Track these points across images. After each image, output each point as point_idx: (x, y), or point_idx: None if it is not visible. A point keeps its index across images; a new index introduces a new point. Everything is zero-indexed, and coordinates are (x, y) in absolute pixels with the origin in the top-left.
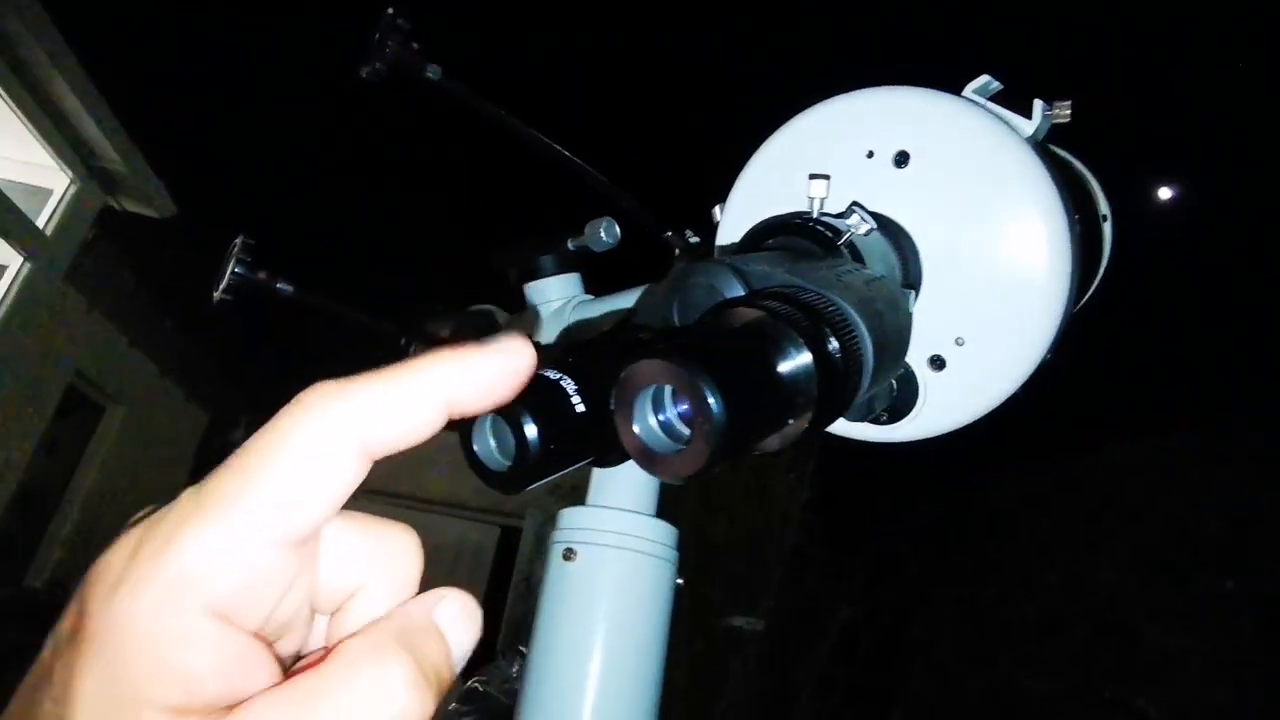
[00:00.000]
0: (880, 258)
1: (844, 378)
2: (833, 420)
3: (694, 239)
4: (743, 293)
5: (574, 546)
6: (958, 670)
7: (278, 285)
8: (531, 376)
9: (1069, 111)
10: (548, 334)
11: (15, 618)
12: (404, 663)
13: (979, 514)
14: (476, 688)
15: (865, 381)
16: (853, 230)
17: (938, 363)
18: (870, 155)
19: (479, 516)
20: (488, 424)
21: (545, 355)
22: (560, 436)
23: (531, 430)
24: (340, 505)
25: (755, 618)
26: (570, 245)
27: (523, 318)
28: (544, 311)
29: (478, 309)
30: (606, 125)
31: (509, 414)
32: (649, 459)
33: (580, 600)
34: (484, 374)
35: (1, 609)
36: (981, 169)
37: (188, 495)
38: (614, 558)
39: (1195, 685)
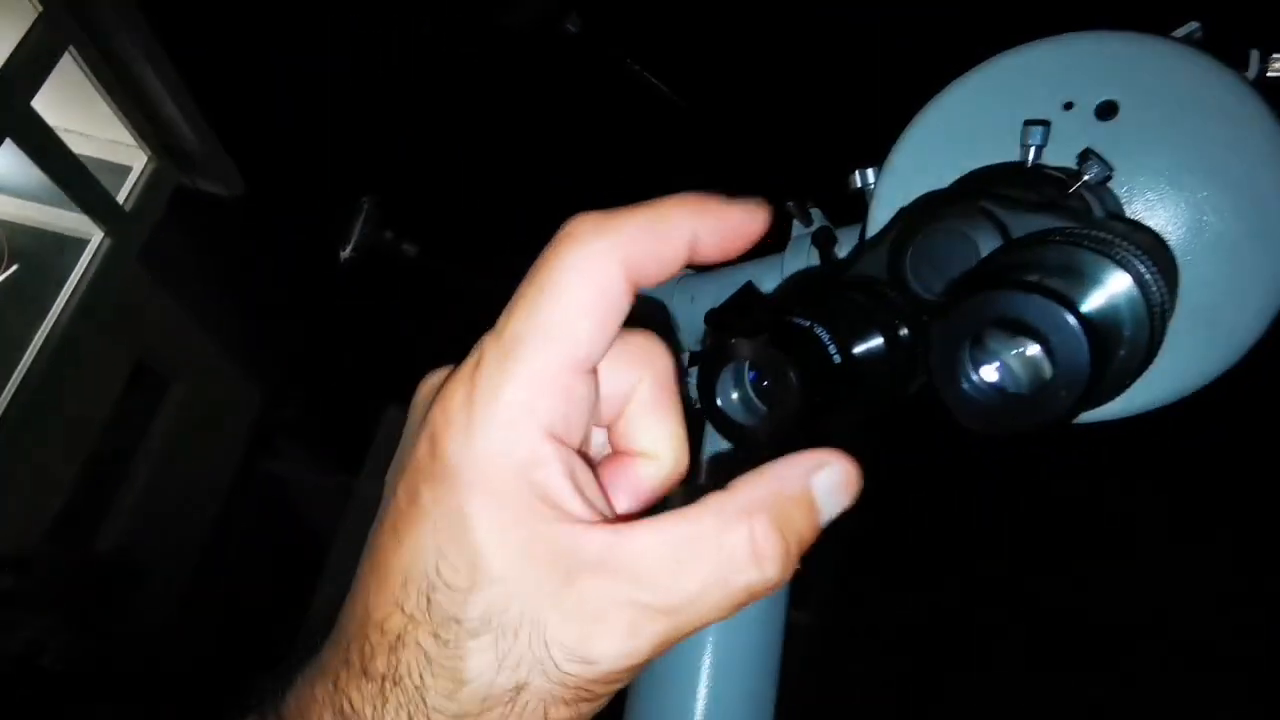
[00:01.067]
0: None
1: (1162, 324)
2: (1146, 367)
3: (814, 209)
4: (1000, 240)
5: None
6: (1027, 682)
7: (403, 246)
8: (782, 321)
9: None
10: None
11: (83, 578)
12: (773, 539)
13: (1064, 508)
14: None
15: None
16: (1086, 177)
17: None
18: (1068, 107)
19: None
20: (729, 376)
21: (781, 298)
22: (820, 388)
23: (792, 376)
24: (614, 333)
25: (804, 611)
26: None
27: None
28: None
29: None
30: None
31: (764, 359)
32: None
33: None
34: (724, 221)
35: (72, 571)
36: (1210, 125)
37: (489, 342)
38: None
39: (1193, 682)
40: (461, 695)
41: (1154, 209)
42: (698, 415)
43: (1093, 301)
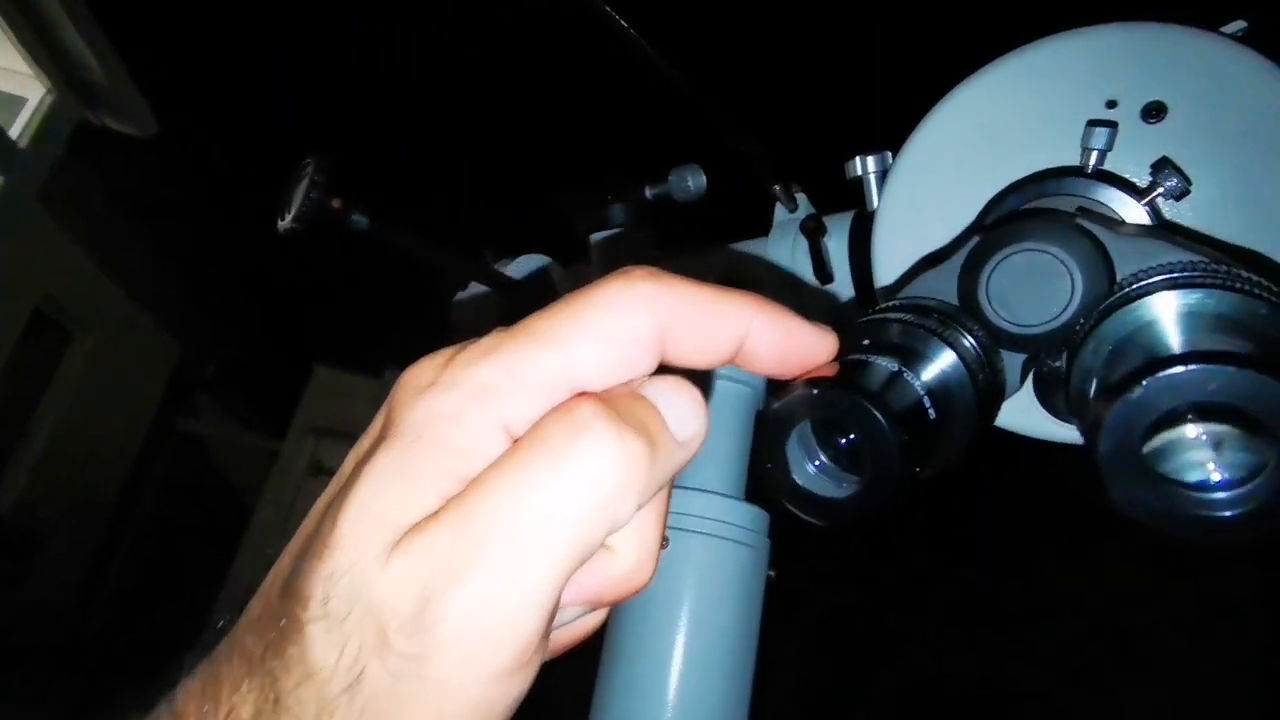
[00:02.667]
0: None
1: None
2: None
3: (799, 193)
4: (1101, 268)
5: (666, 533)
6: (945, 655)
7: (353, 217)
8: (859, 364)
9: None
10: None
11: None
12: (593, 403)
13: (981, 502)
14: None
15: None
16: (1162, 190)
17: None
18: (1112, 105)
19: None
20: (795, 444)
21: (863, 333)
22: (921, 452)
23: (897, 435)
24: (620, 384)
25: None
26: (648, 193)
27: (585, 272)
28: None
29: (529, 258)
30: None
31: (861, 416)
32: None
33: (667, 592)
34: (787, 334)
35: None
36: (1265, 133)
37: (494, 333)
38: (703, 545)
39: (1192, 683)
40: (309, 691)
41: (1199, 218)
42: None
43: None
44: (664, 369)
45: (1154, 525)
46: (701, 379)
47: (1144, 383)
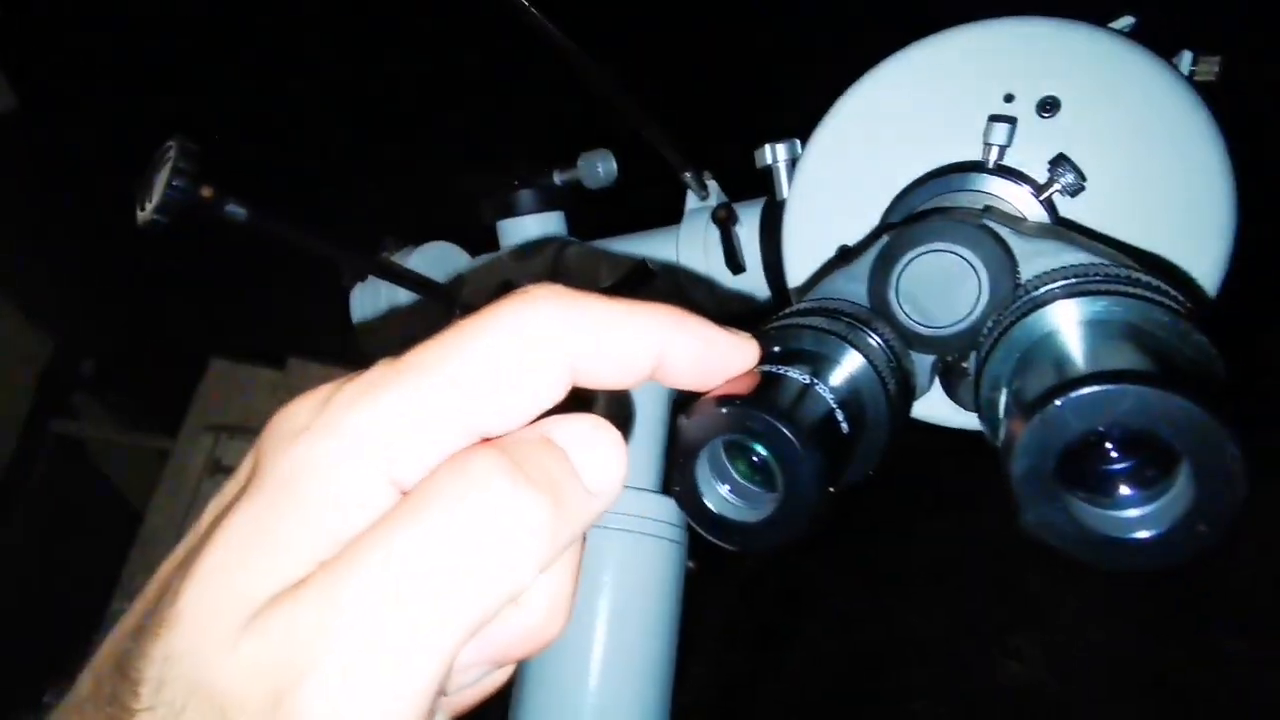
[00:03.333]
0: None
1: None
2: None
3: (710, 181)
4: (1007, 269)
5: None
6: (854, 614)
7: (228, 208)
8: (770, 377)
9: (1217, 69)
10: (532, 282)
11: None
12: (489, 455)
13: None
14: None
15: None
16: (1059, 187)
17: None
18: (1009, 99)
19: None
20: (705, 465)
21: (767, 344)
22: (834, 469)
23: (812, 458)
24: (532, 419)
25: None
26: (557, 179)
27: (496, 260)
28: (522, 255)
29: (434, 246)
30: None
31: (773, 437)
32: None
33: (588, 590)
34: (705, 347)
35: None
36: (1154, 130)
37: (384, 362)
38: (620, 541)
39: (1070, 626)
40: None
41: (1090, 214)
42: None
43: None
44: (578, 393)
45: (1066, 549)
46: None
47: (1057, 403)
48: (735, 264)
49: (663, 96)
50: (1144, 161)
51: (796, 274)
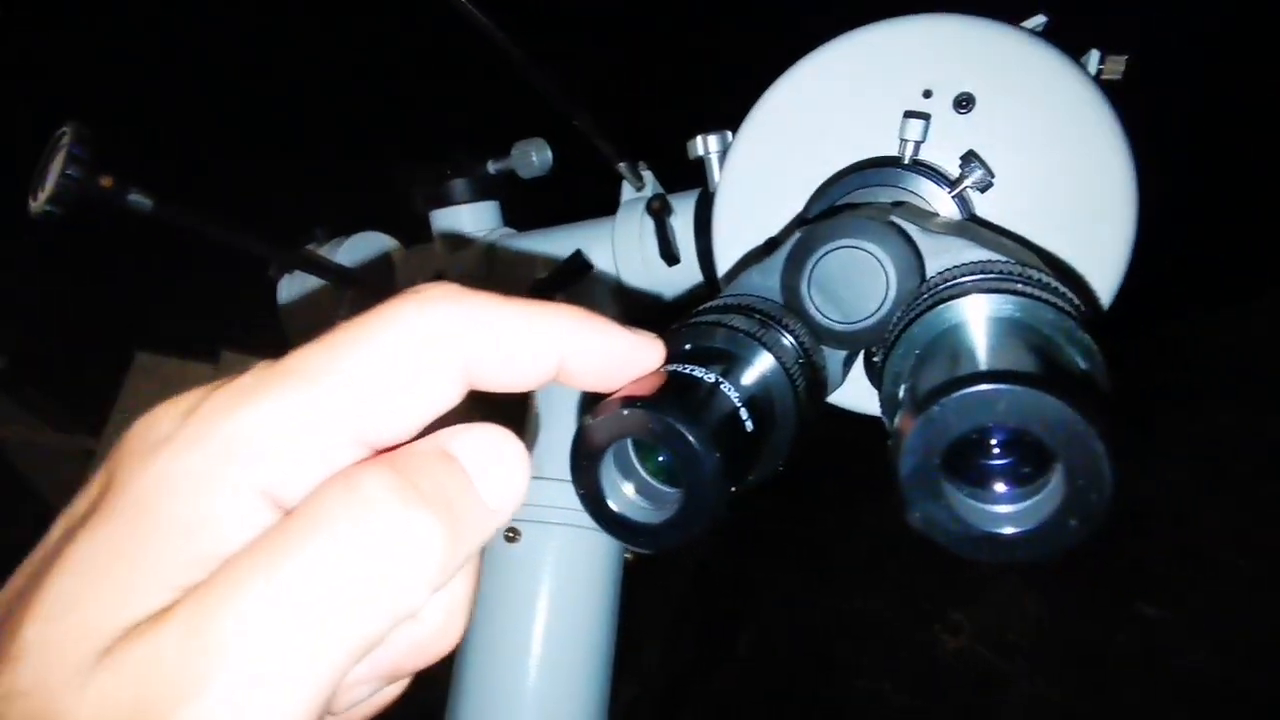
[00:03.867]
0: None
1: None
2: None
3: (645, 171)
4: (911, 264)
5: (517, 525)
6: (801, 596)
7: (129, 198)
8: (676, 377)
9: (1123, 68)
10: (464, 272)
11: None
12: (380, 473)
13: (812, 457)
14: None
15: None
16: (969, 184)
17: None
18: (928, 95)
19: None
20: (611, 465)
21: (672, 341)
22: (738, 468)
23: (709, 458)
24: (426, 425)
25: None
26: (491, 168)
27: (429, 251)
28: (455, 246)
29: (365, 236)
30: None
31: (673, 438)
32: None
33: (525, 586)
34: (607, 347)
35: None
36: (1062, 127)
37: (262, 365)
38: (562, 536)
39: (1006, 602)
40: None
41: (1002, 207)
42: None
43: (1075, 375)
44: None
45: (949, 545)
46: None
47: (938, 405)
48: (670, 255)
49: (602, 87)
50: (1051, 158)
51: (726, 265)
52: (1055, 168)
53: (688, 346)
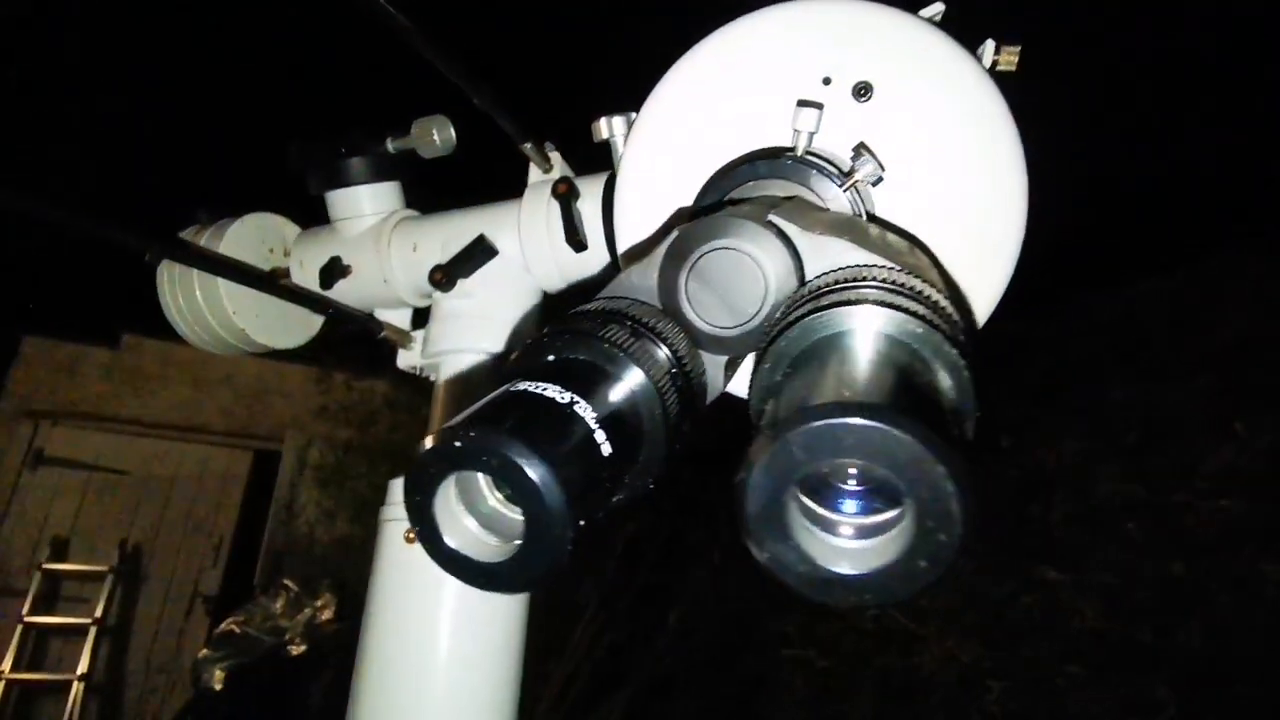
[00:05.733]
0: (839, 201)
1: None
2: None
3: (553, 153)
4: (789, 265)
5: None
6: (729, 569)
7: None
8: (528, 398)
9: (1016, 58)
10: (362, 258)
11: None
12: None
13: (741, 431)
14: (233, 629)
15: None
16: (859, 177)
17: None
18: (827, 82)
19: (224, 440)
20: (451, 492)
21: (525, 353)
22: (590, 497)
23: (553, 498)
24: None
25: None
26: (390, 147)
27: (325, 233)
28: (354, 228)
29: (256, 218)
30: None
31: (500, 464)
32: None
33: (428, 588)
34: None
35: None
36: (956, 116)
37: None
38: None
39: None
40: None
41: (900, 194)
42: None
43: (925, 396)
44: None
45: (797, 588)
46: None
47: (786, 438)
48: (576, 240)
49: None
50: (946, 151)
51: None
52: (950, 161)
53: (550, 358)
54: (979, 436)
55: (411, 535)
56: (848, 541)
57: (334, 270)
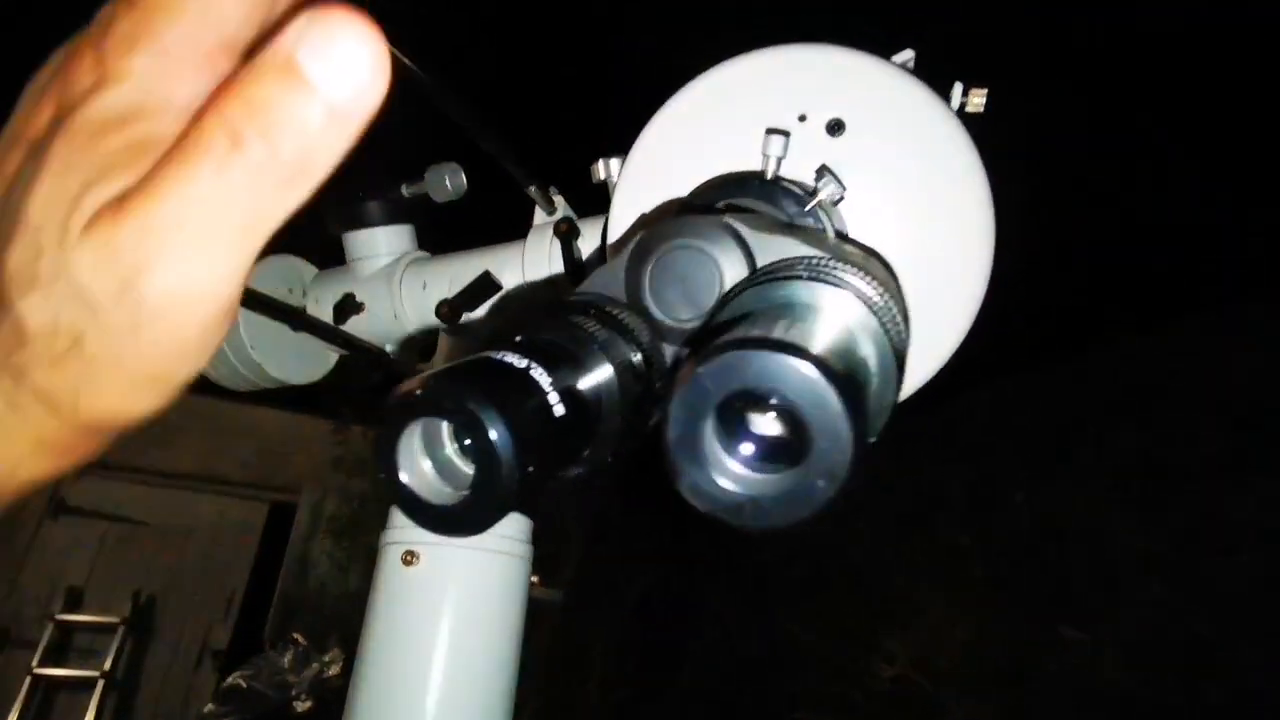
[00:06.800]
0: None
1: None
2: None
3: (557, 196)
4: (742, 262)
5: (415, 549)
6: (740, 626)
7: None
8: (487, 361)
9: (983, 100)
10: (374, 294)
11: None
12: (216, 120)
13: None
14: (240, 684)
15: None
16: (822, 196)
17: None
18: (803, 119)
19: (242, 492)
20: (416, 439)
21: (495, 329)
22: (540, 450)
23: (503, 438)
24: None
25: (555, 590)
26: (405, 192)
27: (341, 273)
28: (369, 268)
29: (276, 260)
30: (458, 51)
31: (462, 414)
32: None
33: (425, 610)
34: None
35: None
36: (924, 152)
37: (115, 3)
38: (464, 559)
39: (937, 626)
40: (31, 355)
41: (871, 225)
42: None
43: (835, 347)
44: None
45: (713, 512)
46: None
47: (698, 370)
48: (577, 278)
49: (519, 111)
50: (913, 186)
51: None
52: (917, 196)
53: (518, 339)
54: (993, 489)
55: (409, 558)
56: (756, 466)
57: (347, 306)
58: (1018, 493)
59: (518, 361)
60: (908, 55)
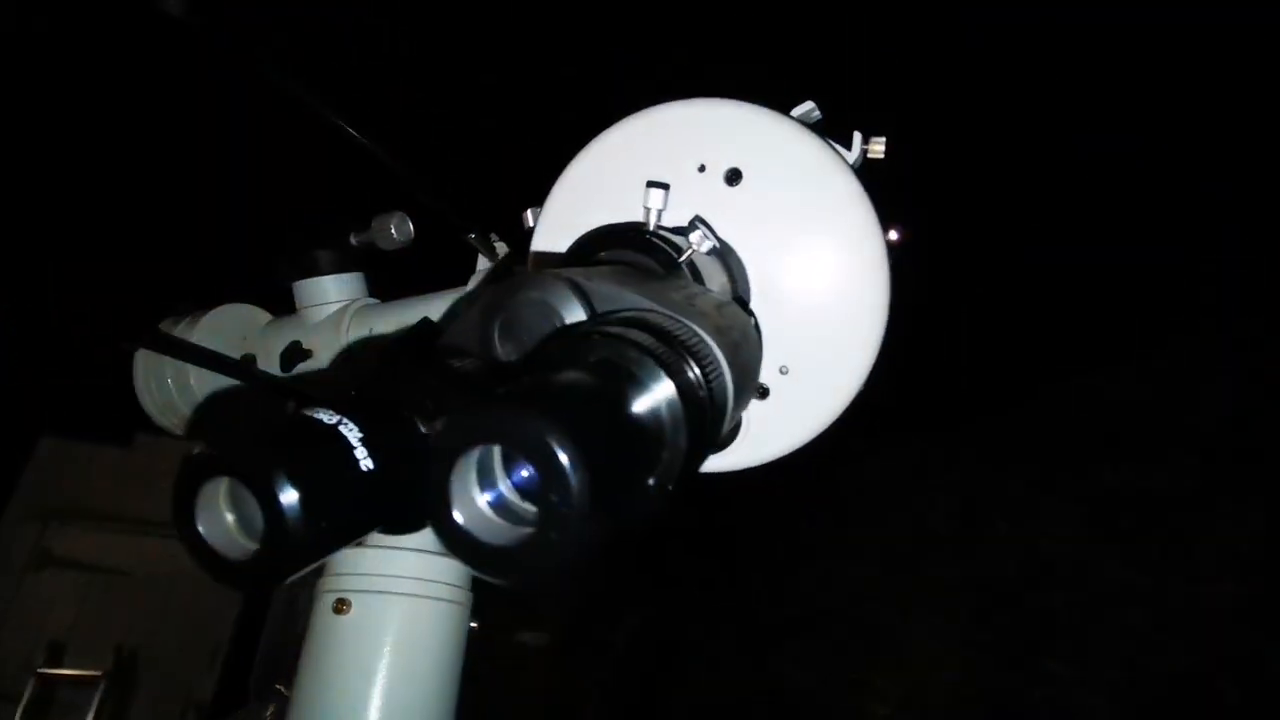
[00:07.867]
0: (712, 279)
1: (712, 417)
2: (700, 464)
3: (498, 243)
4: (584, 315)
5: (347, 596)
6: (731, 667)
7: None
8: (296, 419)
9: (883, 148)
10: (321, 341)
11: None
12: None
13: (743, 522)
14: None
15: (726, 418)
16: (695, 247)
17: (761, 391)
18: (702, 169)
19: None
20: (220, 490)
21: (320, 389)
22: (335, 506)
23: (291, 498)
24: None
25: (541, 633)
26: (353, 240)
27: (290, 320)
28: (317, 315)
29: (229, 308)
30: (398, 107)
31: (254, 476)
32: (480, 555)
33: (356, 659)
34: None
35: None
36: (816, 198)
37: None
38: (398, 606)
39: (926, 665)
40: None
41: (762, 273)
42: None
43: (631, 418)
44: None
45: (466, 560)
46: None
47: (443, 429)
48: None
49: (464, 156)
50: (806, 234)
51: None
52: (808, 242)
53: (354, 396)
54: (976, 521)
55: (341, 606)
56: (503, 518)
57: (294, 354)
58: (1000, 524)
59: (328, 418)
60: (808, 106)
